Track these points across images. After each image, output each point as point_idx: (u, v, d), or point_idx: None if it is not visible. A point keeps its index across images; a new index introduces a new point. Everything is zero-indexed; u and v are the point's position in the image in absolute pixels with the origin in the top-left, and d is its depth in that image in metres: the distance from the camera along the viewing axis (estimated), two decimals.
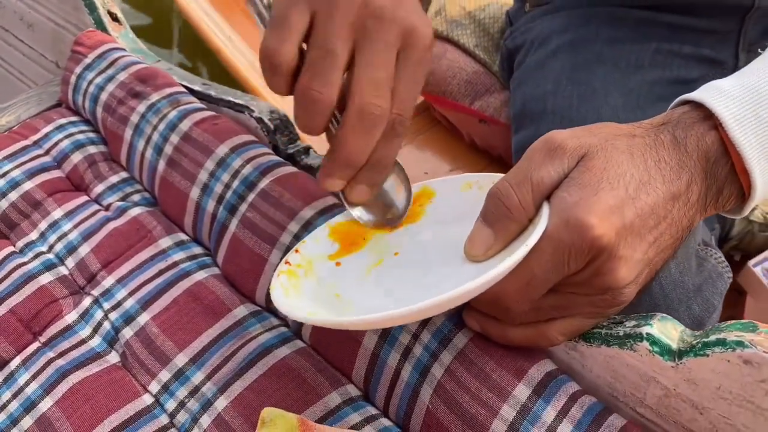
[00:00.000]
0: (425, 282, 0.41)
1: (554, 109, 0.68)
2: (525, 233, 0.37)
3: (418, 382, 0.41)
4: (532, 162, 0.37)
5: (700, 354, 0.35)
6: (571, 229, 0.34)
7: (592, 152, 0.36)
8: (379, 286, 0.42)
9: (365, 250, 0.45)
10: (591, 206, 0.34)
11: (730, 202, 0.39)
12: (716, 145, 0.37)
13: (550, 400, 0.38)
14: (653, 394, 0.38)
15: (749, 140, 0.36)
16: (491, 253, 0.38)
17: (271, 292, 0.40)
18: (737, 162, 0.37)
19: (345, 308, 0.41)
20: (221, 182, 0.53)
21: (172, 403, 0.45)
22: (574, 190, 0.35)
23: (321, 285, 0.42)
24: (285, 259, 0.43)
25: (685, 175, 0.37)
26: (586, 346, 0.40)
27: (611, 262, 0.35)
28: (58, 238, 0.56)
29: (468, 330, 0.41)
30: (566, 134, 0.37)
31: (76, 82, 0.65)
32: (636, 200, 0.35)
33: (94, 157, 0.62)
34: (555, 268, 0.35)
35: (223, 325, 0.48)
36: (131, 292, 0.51)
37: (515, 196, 0.36)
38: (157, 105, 0.59)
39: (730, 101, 0.37)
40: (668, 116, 0.39)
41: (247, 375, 0.44)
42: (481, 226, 0.38)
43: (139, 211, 0.56)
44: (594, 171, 0.35)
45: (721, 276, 0.59)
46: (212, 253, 0.54)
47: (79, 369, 0.47)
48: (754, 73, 0.39)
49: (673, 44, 0.68)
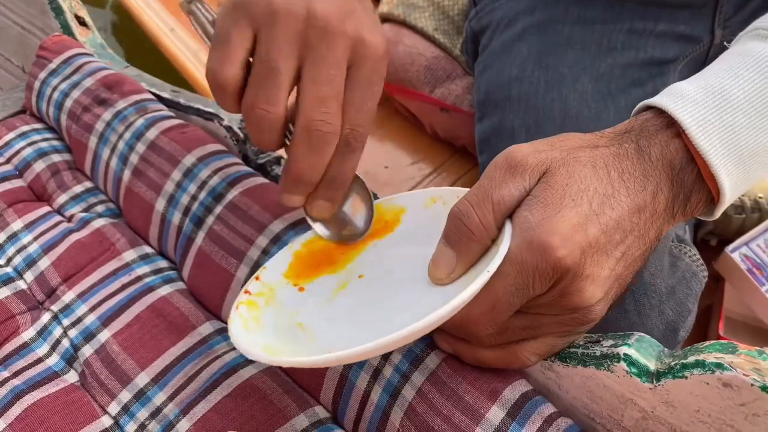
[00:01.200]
0: (391, 308, 0.39)
1: (519, 96, 0.65)
2: (488, 254, 0.36)
3: (389, 405, 0.40)
4: (493, 180, 0.36)
5: (679, 376, 0.34)
6: (534, 250, 0.33)
7: (554, 168, 0.35)
8: (343, 313, 0.41)
9: (330, 274, 0.43)
10: (554, 226, 0.33)
11: (698, 208, 0.38)
12: (681, 153, 0.36)
13: (525, 422, 0.37)
14: (631, 416, 0.37)
15: (714, 145, 0.36)
16: (455, 276, 0.37)
17: (228, 327, 0.38)
18: (703, 168, 0.36)
19: (308, 340, 0.39)
20: (188, 193, 0.51)
21: (132, 426, 0.43)
22: (537, 209, 0.34)
23: (283, 313, 0.41)
24: (245, 288, 0.41)
25: (651, 185, 0.36)
26: (562, 367, 0.39)
27: (578, 281, 0.34)
28: (17, 251, 0.53)
29: (441, 350, 0.40)
30: (527, 149, 0.36)
31: (40, 88, 0.63)
32: (600, 215, 0.34)
33: (57, 166, 0.59)
34: (519, 291, 0.34)
35: (188, 343, 0.46)
36: (92, 307, 0.49)
37: (476, 217, 0.35)
38: (123, 112, 0.57)
39: (692, 107, 0.36)
40: (631, 124, 0.38)
41: (211, 396, 0.42)
42: (443, 247, 0.37)
43: (102, 222, 0.54)
44: (556, 188, 0.34)
45: (695, 276, 0.58)
46: (178, 266, 0.52)
47: (35, 389, 0.44)
48: (716, 75, 0.38)
49: (648, 22, 0.66)
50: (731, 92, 0.36)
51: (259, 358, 0.35)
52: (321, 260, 0.44)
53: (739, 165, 0.37)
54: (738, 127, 0.36)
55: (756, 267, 0.78)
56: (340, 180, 0.41)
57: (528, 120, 0.63)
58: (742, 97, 0.36)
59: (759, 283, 0.77)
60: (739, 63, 0.37)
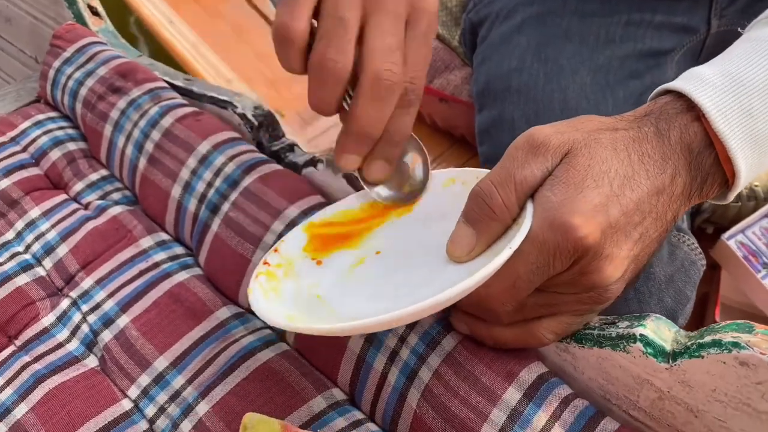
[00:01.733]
0: (408, 284, 0.39)
1: (519, 87, 0.65)
2: (509, 233, 0.36)
3: (405, 386, 0.40)
4: (515, 160, 0.36)
5: (695, 355, 0.34)
6: (556, 230, 0.34)
7: (576, 149, 0.36)
8: (360, 287, 0.41)
9: (347, 249, 0.44)
10: (576, 206, 0.34)
11: (713, 190, 0.38)
12: (700, 136, 0.37)
13: (542, 403, 0.37)
14: (647, 396, 0.37)
15: (733, 130, 0.36)
16: (474, 254, 0.37)
17: (248, 295, 0.39)
18: (721, 152, 0.37)
19: (326, 311, 0.39)
20: (203, 180, 0.52)
21: (152, 409, 0.44)
22: (559, 188, 0.35)
23: (301, 285, 0.41)
24: (264, 259, 0.42)
25: (670, 168, 0.36)
26: (578, 348, 0.39)
27: (597, 261, 0.34)
28: (35, 238, 0.54)
29: (457, 332, 0.40)
30: (549, 130, 0.36)
31: (54, 76, 0.64)
32: (621, 197, 0.35)
33: (73, 155, 0.60)
34: (540, 269, 0.35)
35: (205, 327, 0.46)
36: (110, 293, 0.49)
37: (499, 196, 0.36)
38: (137, 101, 0.58)
39: (712, 91, 0.37)
40: (650, 107, 0.39)
41: (229, 379, 0.43)
42: (463, 226, 0.37)
43: (119, 210, 0.54)
44: (578, 168, 0.35)
45: (694, 264, 0.58)
46: (194, 253, 0.52)
47: (55, 374, 0.45)
48: (734, 60, 0.38)
49: (645, 13, 0.66)
50: (748, 77, 0.37)
51: (279, 324, 0.36)
52: (337, 236, 0.44)
53: (755, 149, 0.37)
54: (755, 111, 0.37)
55: (752, 254, 0.78)
56: (400, 135, 0.41)
57: (528, 111, 0.64)
58: (758, 82, 0.37)
59: (755, 269, 0.77)
60: (755, 49, 0.38)
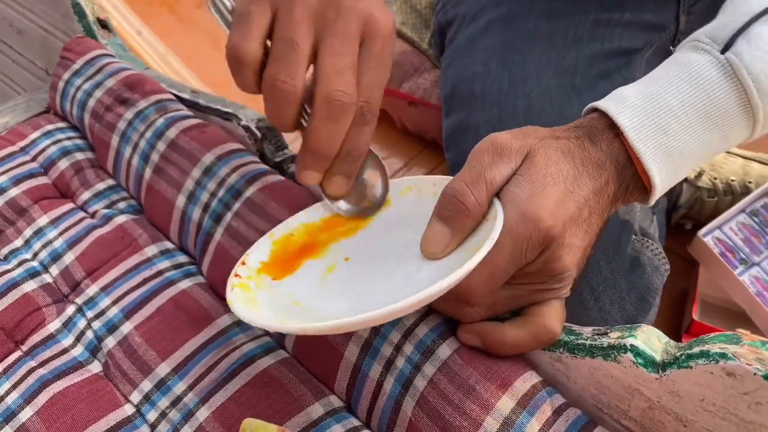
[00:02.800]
0: (386, 282, 0.41)
1: (483, 92, 0.66)
2: (479, 228, 0.39)
3: (401, 395, 0.41)
4: (482, 162, 0.39)
5: (684, 366, 0.35)
6: (527, 221, 0.37)
7: (534, 151, 0.39)
8: (337, 291, 0.42)
9: (313, 259, 0.44)
10: (541, 200, 0.37)
11: (633, 196, 0.43)
12: (622, 150, 0.41)
13: (535, 412, 0.38)
14: (637, 406, 0.38)
15: (648, 147, 0.41)
16: (449, 250, 0.40)
17: (230, 306, 0.39)
18: (638, 165, 0.41)
19: (309, 315, 0.40)
20: (207, 190, 0.53)
21: (154, 414, 0.45)
22: (524, 185, 0.38)
23: (275, 294, 0.41)
24: (234, 271, 0.42)
25: (604, 173, 0.40)
26: (570, 358, 0.40)
27: (560, 249, 0.38)
28: (42, 246, 0.55)
29: (452, 341, 0.41)
30: (508, 136, 0.40)
31: (63, 88, 0.65)
32: (574, 193, 0.39)
33: (80, 164, 0.61)
34: (514, 258, 0.38)
35: (207, 334, 0.47)
36: (115, 300, 0.50)
37: (471, 195, 0.38)
38: (144, 112, 0.59)
39: (631, 111, 0.41)
40: (581, 122, 0.43)
41: (229, 385, 0.44)
42: (437, 224, 0.40)
43: (124, 218, 0.56)
44: (539, 168, 0.38)
45: (657, 270, 0.60)
46: (197, 261, 0.53)
47: (60, 378, 0.46)
48: (655, 82, 0.42)
49: (613, 12, 0.67)
50: (666, 99, 0.41)
51: (270, 327, 0.37)
52: (301, 248, 0.45)
53: (669, 163, 0.41)
54: (670, 130, 0.41)
55: (728, 250, 0.79)
56: (356, 152, 0.43)
57: (492, 117, 0.65)
58: (675, 104, 0.41)
59: (731, 266, 0.77)
60: (676, 72, 0.42)
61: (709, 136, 0.42)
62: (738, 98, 0.41)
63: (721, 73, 0.41)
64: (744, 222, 0.80)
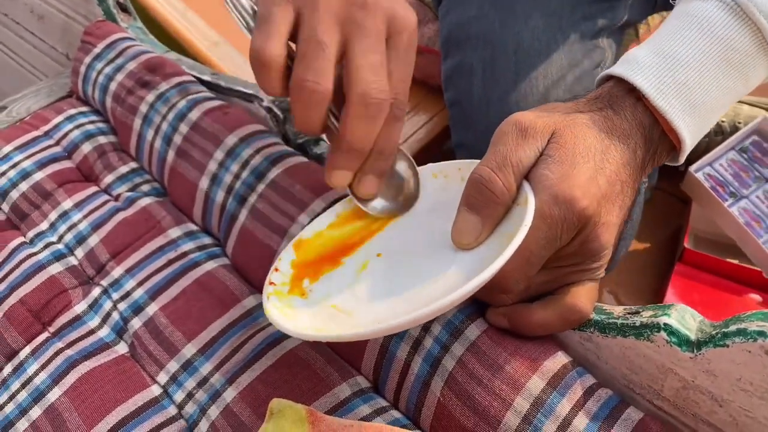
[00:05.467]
0: (422, 278, 0.39)
1: (477, 34, 0.68)
2: (510, 214, 0.38)
3: (429, 375, 0.40)
4: (507, 145, 0.38)
5: (720, 344, 0.34)
6: (561, 203, 0.36)
7: (560, 129, 0.38)
8: (373, 290, 0.41)
9: (346, 257, 0.43)
10: (573, 181, 0.36)
11: (662, 158, 0.42)
12: (647, 113, 0.40)
13: (566, 392, 0.38)
14: (671, 386, 0.37)
15: (671, 104, 0.40)
16: (481, 239, 0.39)
17: (269, 317, 0.38)
18: (665, 124, 0.40)
19: (348, 319, 0.39)
20: (231, 172, 0.53)
21: (181, 394, 0.45)
22: (555, 167, 0.37)
23: (312, 299, 0.41)
24: (269, 279, 0.41)
25: (632, 142, 0.39)
26: (601, 337, 0.39)
27: (596, 229, 0.37)
28: (67, 229, 0.55)
29: (480, 322, 0.41)
30: (531, 115, 0.39)
31: (85, 72, 0.65)
32: (603, 169, 0.38)
33: (103, 148, 0.61)
34: (549, 242, 0.37)
35: (232, 315, 0.47)
36: (140, 282, 0.50)
37: (499, 181, 0.37)
38: (166, 94, 0.59)
39: (648, 71, 0.40)
40: (599, 93, 0.42)
41: (255, 366, 0.44)
42: (466, 214, 0.39)
43: (148, 201, 0.56)
44: (566, 147, 0.38)
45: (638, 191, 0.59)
46: (222, 243, 0.53)
47: (87, 359, 0.46)
48: (665, 38, 0.42)
49: None
50: (680, 53, 0.41)
51: (308, 337, 0.36)
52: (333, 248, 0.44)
53: (695, 116, 0.41)
54: (690, 83, 0.40)
55: (719, 185, 0.83)
56: (389, 150, 0.42)
57: (485, 56, 0.66)
58: (690, 56, 0.40)
59: (722, 199, 0.82)
60: (683, 25, 0.41)
61: (729, 81, 0.41)
62: (753, 38, 0.40)
63: (732, 15, 0.40)
64: (733, 158, 0.85)
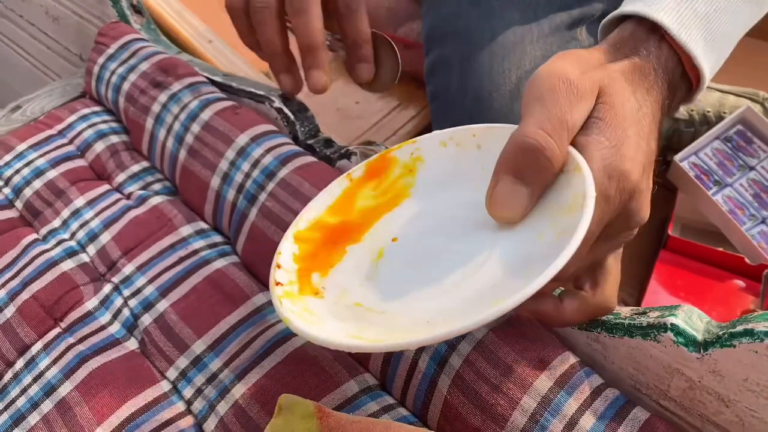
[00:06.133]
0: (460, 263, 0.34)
1: (455, 29, 0.69)
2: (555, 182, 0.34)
3: (436, 373, 0.41)
4: (560, 104, 0.33)
5: (727, 345, 0.34)
6: (612, 177, 0.33)
7: (605, 88, 0.35)
8: (400, 283, 0.36)
9: (354, 244, 0.39)
10: (625, 150, 0.33)
11: (679, 103, 0.41)
12: (671, 54, 0.38)
13: (573, 392, 0.38)
14: (677, 386, 0.37)
15: (694, 38, 0.38)
16: (527, 213, 0.34)
17: (288, 325, 0.33)
18: (687, 61, 0.38)
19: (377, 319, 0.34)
20: (241, 171, 0.53)
21: (190, 390, 0.45)
22: (608, 132, 0.33)
23: (329, 298, 0.36)
24: (273, 279, 0.36)
25: (659, 94, 0.37)
26: (608, 338, 0.39)
27: (640, 199, 0.34)
28: (80, 226, 0.56)
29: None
30: (575, 71, 0.34)
31: (98, 72, 0.66)
32: (643, 132, 0.35)
33: (116, 147, 0.62)
34: (600, 222, 0.33)
35: (242, 312, 0.47)
36: (151, 279, 0.51)
37: (557, 147, 0.32)
38: (178, 95, 0.60)
39: (668, 6, 0.38)
40: (620, 36, 0.39)
41: (264, 362, 0.44)
42: (512, 185, 0.33)
43: (159, 199, 0.56)
44: (617, 108, 0.34)
45: None
46: (232, 241, 0.54)
47: (98, 354, 0.47)
48: None
49: None
50: None
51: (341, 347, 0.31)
52: (337, 232, 0.40)
53: (715, 50, 0.39)
54: (710, 14, 0.39)
55: (703, 173, 0.85)
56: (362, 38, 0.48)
57: (463, 50, 0.68)
58: None
59: (706, 187, 0.84)
60: None
61: (746, 8, 0.40)
62: None
63: None
64: (718, 147, 0.86)
